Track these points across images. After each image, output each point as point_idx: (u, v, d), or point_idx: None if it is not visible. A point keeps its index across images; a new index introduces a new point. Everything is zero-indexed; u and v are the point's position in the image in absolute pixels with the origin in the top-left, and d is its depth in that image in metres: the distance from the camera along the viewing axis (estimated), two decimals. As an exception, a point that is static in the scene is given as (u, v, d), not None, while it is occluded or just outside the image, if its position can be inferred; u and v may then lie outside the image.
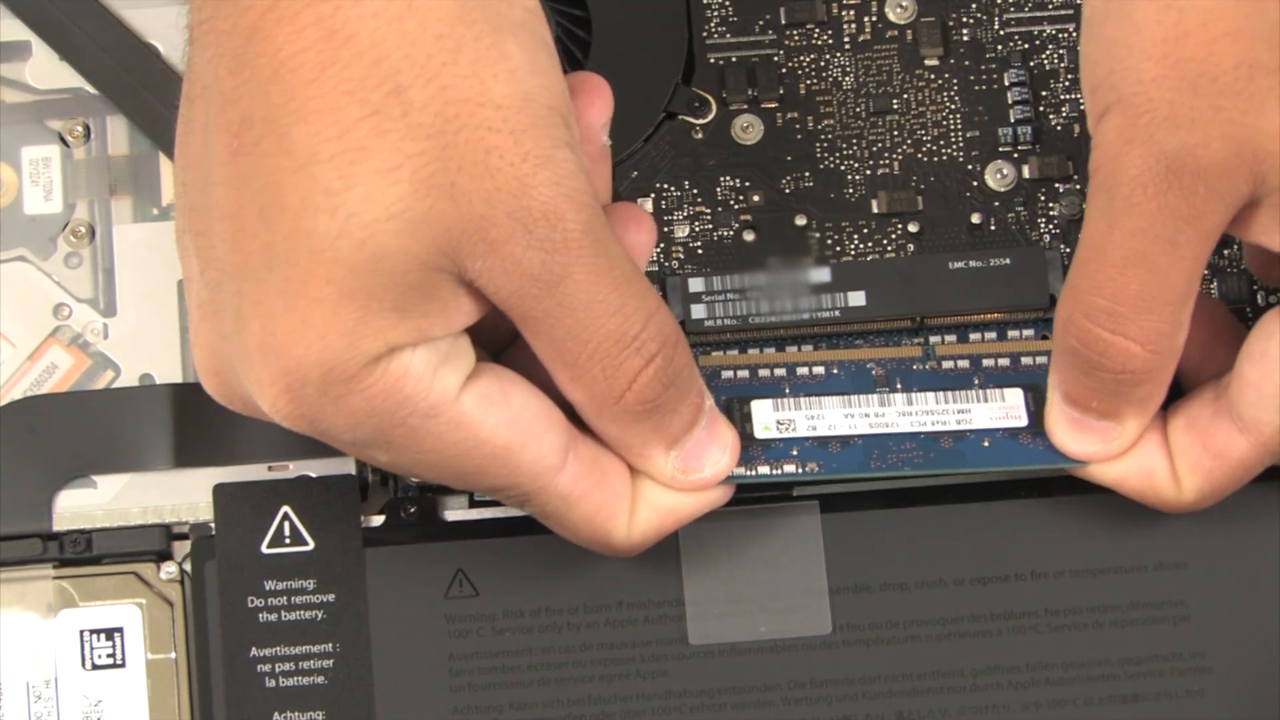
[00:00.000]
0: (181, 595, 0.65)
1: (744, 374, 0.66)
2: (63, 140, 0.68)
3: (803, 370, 0.66)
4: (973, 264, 0.67)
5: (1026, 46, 0.69)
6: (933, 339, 0.66)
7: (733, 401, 0.66)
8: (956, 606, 0.64)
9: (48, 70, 0.68)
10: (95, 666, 0.64)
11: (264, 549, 0.64)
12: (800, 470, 0.62)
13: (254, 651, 0.63)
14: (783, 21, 0.69)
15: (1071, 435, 0.61)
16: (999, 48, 0.69)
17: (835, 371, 0.66)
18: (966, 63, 0.69)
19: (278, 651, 0.63)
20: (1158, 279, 0.56)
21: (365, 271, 0.52)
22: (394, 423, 0.54)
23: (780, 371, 0.66)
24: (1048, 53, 0.69)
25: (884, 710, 0.63)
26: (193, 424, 0.65)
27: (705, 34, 0.69)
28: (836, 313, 0.67)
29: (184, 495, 0.65)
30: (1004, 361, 0.64)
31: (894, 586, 0.64)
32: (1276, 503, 0.65)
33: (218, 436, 0.65)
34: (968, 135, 0.69)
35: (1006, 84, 0.69)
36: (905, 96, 0.69)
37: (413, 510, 0.65)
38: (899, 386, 0.64)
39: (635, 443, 0.58)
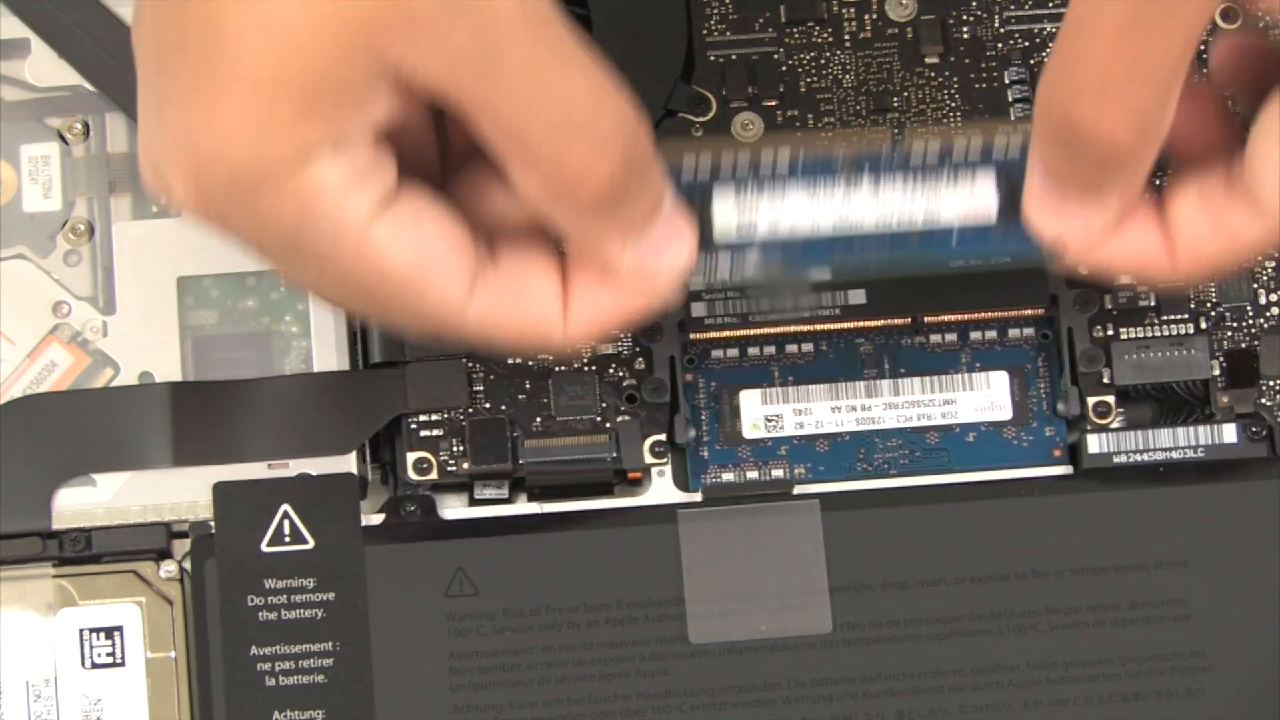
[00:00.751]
0: (181, 594, 0.64)
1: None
2: (62, 138, 0.68)
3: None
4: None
5: (1027, 44, 0.69)
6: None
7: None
8: (957, 605, 0.64)
9: (46, 68, 0.68)
10: (95, 665, 0.64)
11: (264, 547, 0.64)
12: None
13: (254, 650, 0.63)
14: (783, 19, 0.69)
15: (1051, 217, 0.56)
16: (999, 45, 0.69)
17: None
18: (967, 60, 0.69)
19: (278, 650, 0.63)
20: (1149, 52, 0.52)
21: (274, 56, 0.50)
22: (300, 238, 0.52)
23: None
24: (1048, 50, 0.69)
25: (884, 709, 0.64)
26: (192, 422, 0.65)
27: (705, 31, 0.69)
28: (837, 310, 0.67)
29: (183, 494, 0.65)
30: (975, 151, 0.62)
31: (894, 585, 0.64)
32: (1276, 502, 0.65)
33: (217, 435, 0.65)
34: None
35: (1007, 82, 0.69)
36: (905, 94, 0.69)
37: (413, 509, 0.65)
38: (867, 170, 0.62)
39: (590, 235, 0.54)
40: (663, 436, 0.66)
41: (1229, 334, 0.68)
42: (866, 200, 0.60)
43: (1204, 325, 0.68)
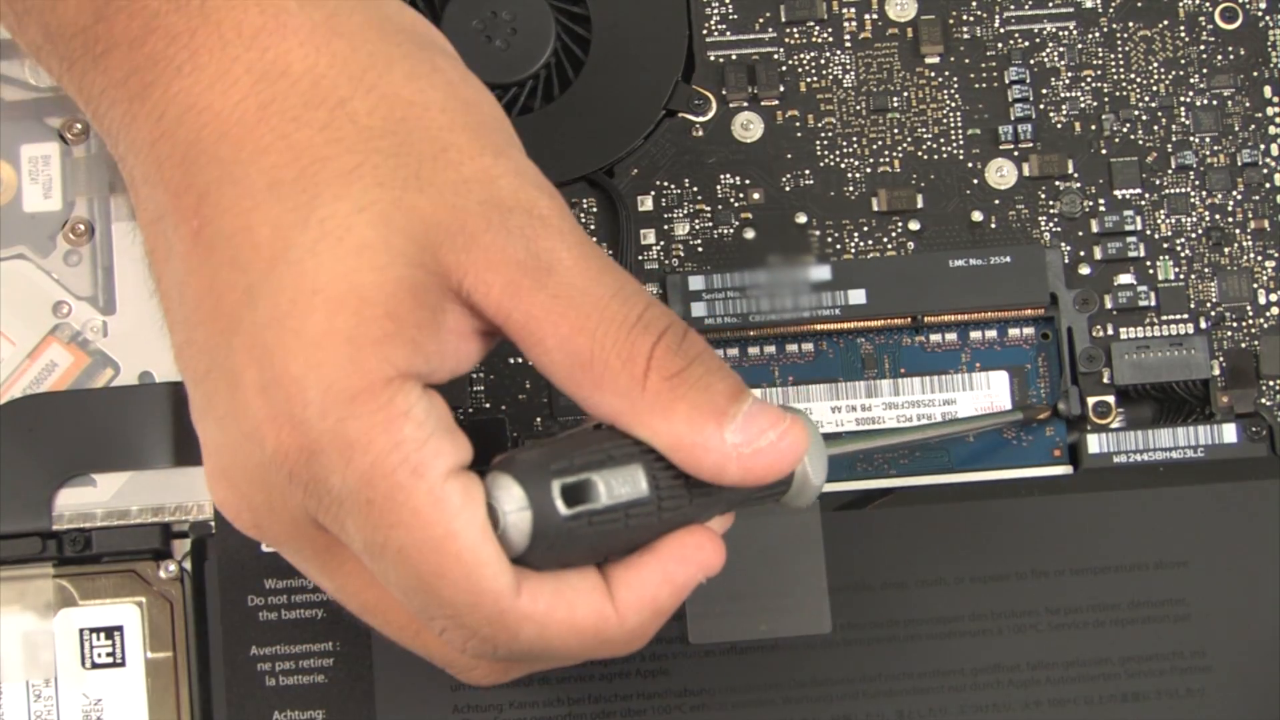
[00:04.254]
0: (181, 594, 0.64)
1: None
2: (62, 138, 0.68)
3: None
4: (973, 262, 0.67)
5: (1027, 44, 0.69)
6: None
7: None
8: (956, 605, 0.64)
9: (47, 68, 0.68)
10: (95, 665, 0.64)
11: (264, 547, 0.64)
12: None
13: (254, 650, 0.63)
14: (783, 19, 0.69)
15: None
16: (999, 45, 0.69)
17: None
18: (967, 60, 0.69)
19: (278, 650, 0.63)
20: None
21: (350, 271, 0.50)
22: (383, 471, 0.50)
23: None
24: (1048, 50, 0.69)
25: (884, 709, 0.64)
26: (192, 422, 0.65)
27: (705, 31, 0.69)
28: (837, 310, 0.67)
29: (184, 494, 0.65)
30: None
31: (894, 585, 0.64)
32: (1276, 502, 0.65)
33: (217, 435, 0.65)
34: (968, 133, 0.69)
35: (1007, 81, 0.69)
36: (905, 94, 0.69)
37: (413, 509, 0.65)
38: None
39: (684, 428, 0.52)
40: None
41: (1229, 334, 0.68)
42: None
43: (1204, 325, 0.68)
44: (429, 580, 0.51)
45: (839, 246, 0.68)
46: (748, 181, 0.68)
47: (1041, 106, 0.69)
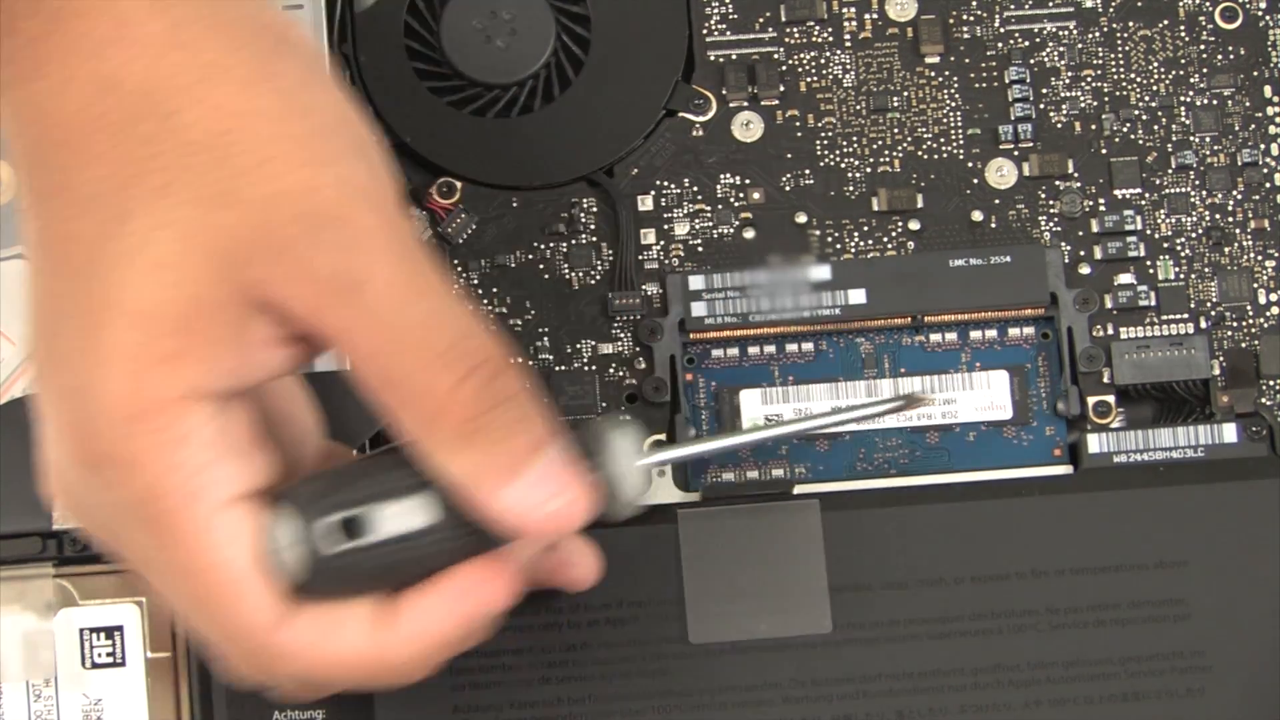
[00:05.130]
0: (181, 594, 0.64)
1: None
2: (62, 138, 0.68)
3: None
4: (973, 261, 0.67)
5: (1027, 44, 0.69)
6: None
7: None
8: (957, 605, 0.64)
9: (47, 68, 0.68)
10: (95, 665, 0.64)
11: (264, 547, 0.64)
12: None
13: (254, 650, 0.63)
14: (783, 19, 0.69)
15: None
16: (999, 45, 0.69)
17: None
18: (967, 60, 0.69)
19: (278, 650, 0.63)
20: None
21: (148, 287, 0.51)
22: (156, 493, 0.51)
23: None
24: (1048, 50, 0.69)
25: (884, 709, 0.63)
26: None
27: (705, 31, 0.69)
28: (837, 310, 0.67)
29: (184, 494, 0.65)
30: None
31: (894, 585, 0.64)
32: (1276, 502, 0.65)
33: (217, 435, 0.65)
34: (968, 132, 0.69)
35: (1007, 81, 0.69)
36: (905, 94, 0.69)
37: (413, 509, 0.65)
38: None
39: (470, 476, 0.52)
40: (663, 436, 0.66)
41: (1229, 334, 0.68)
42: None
43: (1204, 325, 0.68)
44: (195, 605, 0.53)
45: (839, 246, 0.68)
46: (748, 181, 0.68)
47: (1041, 106, 0.69)
